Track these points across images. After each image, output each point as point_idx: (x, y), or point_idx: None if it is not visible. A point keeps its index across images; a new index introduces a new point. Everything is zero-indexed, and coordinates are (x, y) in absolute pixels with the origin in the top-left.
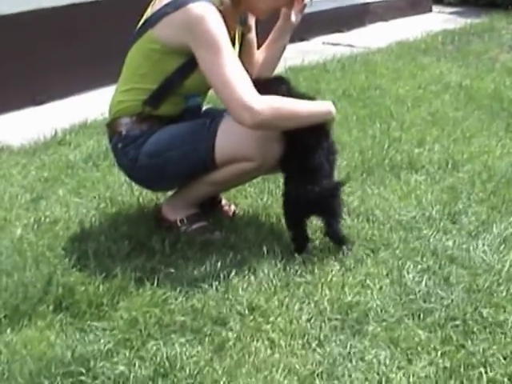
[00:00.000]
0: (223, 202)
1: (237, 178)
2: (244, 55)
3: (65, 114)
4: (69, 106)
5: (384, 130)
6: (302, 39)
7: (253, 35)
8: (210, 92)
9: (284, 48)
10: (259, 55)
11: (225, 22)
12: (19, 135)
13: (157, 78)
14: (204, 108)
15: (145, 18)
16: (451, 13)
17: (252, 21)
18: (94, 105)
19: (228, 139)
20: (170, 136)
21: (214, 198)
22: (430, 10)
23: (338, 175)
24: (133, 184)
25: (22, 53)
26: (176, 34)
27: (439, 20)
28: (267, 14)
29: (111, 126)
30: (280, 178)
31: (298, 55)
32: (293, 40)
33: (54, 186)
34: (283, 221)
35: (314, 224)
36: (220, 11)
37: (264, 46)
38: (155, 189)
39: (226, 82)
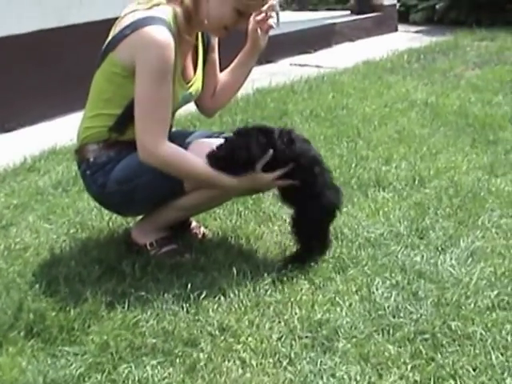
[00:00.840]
0: (193, 224)
1: (206, 204)
2: (206, 75)
3: (34, 141)
4: (38, 132)
5: (351, 148)
6: (269, 61)
7: (215, 56)
8: (178, 114)
9: (249, 72)
10: (223, 77)
11: (181, 40)
12: None
13: (121, 102)
14: (172, 131)
15: (107, 40)
16: (416, 31)
17: (215, 41)
18: (63, 130)
19: None
20: (138, 162)
21: (184, 220)
22: (396, 30)
23: None
24: (103, 209)
25: None
26: (130, 56)
27: (405, 39)
28: (218, 33)
29: (79, 152)
30: (249, 199)
31: (265, 77)
32: (260, 62)
33: (24, 213)
34: (252, 241)
35: (283, 244)
36: (176, 30)
37: (229, 69)
38: (125, 214)
39: (145, 116)
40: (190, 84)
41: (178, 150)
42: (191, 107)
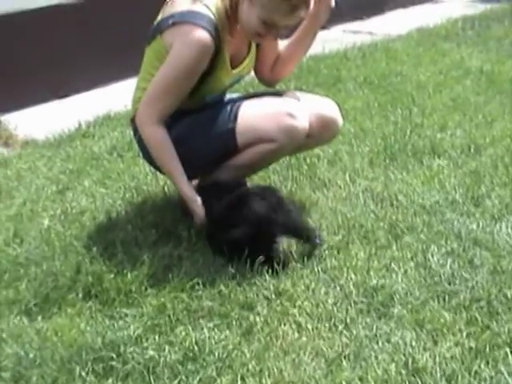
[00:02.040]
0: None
1: (261, 160)
2: (264, 49)
3: (88, 107)
4: (92, 98)
5: (406, 116)
6: (322, 27)
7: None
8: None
9: (309, 46)
10: (282, 50)
11: (231, 30)
12: (44, 128)
13: None
14: (225, 96)
15: (159, 18)
16: None
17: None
18: (117, 96)
19: (249, 121)
20: (192, 124)
21: (239, 183)
22: None
23: (360, 161)
24: (158, 174)
25: (44, 47)
26: (171, 45)
27: (459, 6)
28: (253, 38)
29: (134, 120)
30: (304, 165)
31: (318, 44)
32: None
33: (80, 178)
34: (307, 207)
35: (338, 210)
36: (221, 25)
37: (289, 43)
38: None
39: (152, 96)
40: (240, 68)
41: (160, 137)
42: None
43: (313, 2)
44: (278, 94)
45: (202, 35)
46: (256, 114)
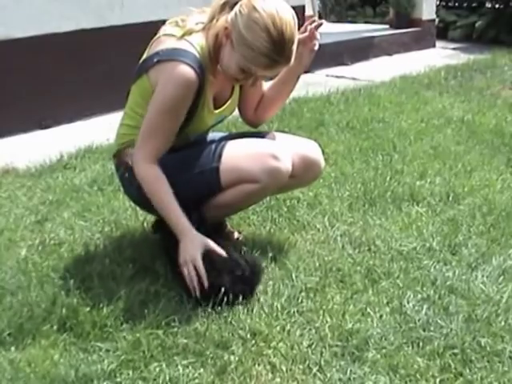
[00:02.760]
0: (227, 228)
1: (243, 200)
2: (247, 91)
3: (70, 139)
4: (75, 130)
5: (386, 162)
6: (306, 71)
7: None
8: None
9: (292, 89)
10: (266, 92)
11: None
12: (25, 158)
13: None
14: (209, 135)
15: (144, 57)
16: (454, 48)
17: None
18: (100, 130)
19: (233, 161)
20: (175, 162)
21: (219, 223)
22: (434, 46)
23: (340, 205)
24: (137, 209)
25: (30, 77)
26: (157, 82)
27: (442, 55)
28: (232, 81)
29: (118, 156)
30: (283, 207)
31: (302, 87)
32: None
33: (59, 209)
34: (285, 249)
35: (316, 253)
36: (205, 63)
37: (272, 85)
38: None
39: (144, 137)
40: (223, 108)
41: (154, 175)
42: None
43: (293, 57)
44: (261, 135)
45: (186, 71)
46: (240, 155)
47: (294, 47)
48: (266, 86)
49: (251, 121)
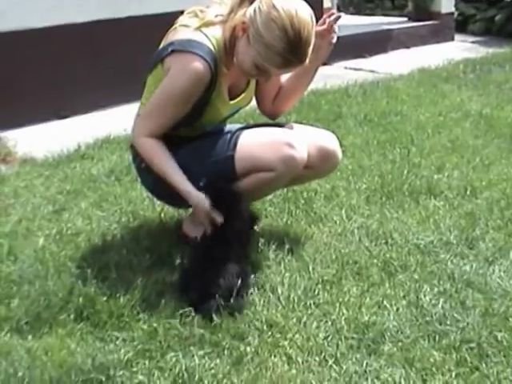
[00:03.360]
0: None
1: (258, 189)
2: (265, 83)
3: (88, 129)
4: (92, 121)
5: (404, 155)
6: (324, 63)
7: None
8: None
9: (310, 81)
10: (284, 84)
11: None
12: (43, 148)
13: None
14: (226, 126)
15: (159, 49)
16: (473, 42)
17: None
18: (117, 121)
19: (248, 150)
20: (190, 152)
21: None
22: (453, 39)
23: (357, 198)
24: (155, 200)
25: (48, 67)
26: None
27: (461, 49)
28: (246, 75)
29: (134, 147)
30: (301, 199)
31: (320, 79)
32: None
33: (77, 199)
34: (302, 241)
35: (332, 245)
36: (220, 55)
37: (290, 77)
38: (177, 205)
39: (147, 114)
40: (238, 99)
41: (151, 145)
42: None
43: (308, 58)
44: (278, 125)
45: (198, 66)
46: (255, 143)
47: (310, 49)
48: (284, 77)
49: (269, 112)
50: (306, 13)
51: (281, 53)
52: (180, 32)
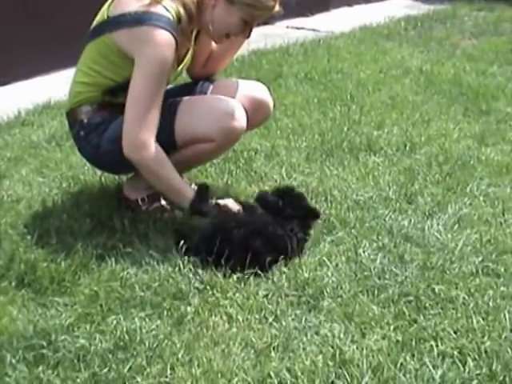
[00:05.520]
0: (185, 180)
1: (198, 159)
2: (198, 46)
3: (28, 95)
4: (32, 86)
5: (344, 112)
6: (265, 23)
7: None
8: None
9: (241, 44)
10: (214, 48)
11: (182, 36)
12: None
13: (115, 77)
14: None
15: (103, 17)
16: None
17: None
18: (58, 85)
19: (187, 120)
20: None
21: None
22: None
23: (297, 156)
24: None
25: None
26: (131, 47)
27: (403, 6)
28: (220, 40)
29: (71, 114)
30: (241, 158)
31: (261, 39)
32: (257, 23)
33: (17, 166)
34: (243, 200)
35: None
36: (178, 28)
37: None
38: (118, 172)
39: (139, 114)
40: (182, 64)
41: (161, 157)
42: None
43: None
44: (209, 81)
45: (166, 35)
46: (194, 114)
47: None
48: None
49: (198, 76)
50: None
51: None
52: (126, 3)
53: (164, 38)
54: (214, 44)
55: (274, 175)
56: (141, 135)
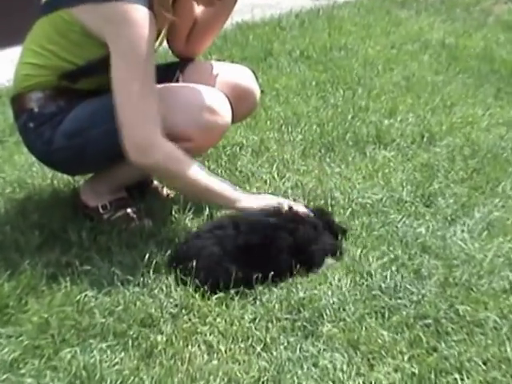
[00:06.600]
0: (154, 184)
1: None
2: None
3: None
4: None
5: (348, 98)
6: None
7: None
8: None
9: (228, 14)
10: (198, 21)
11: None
12: None
13: (75, 59)
14: None
15: None
16: None
17: None
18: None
19: (163, 115)
20: (90, 112)
21: (143, 180)
22: None
23: (291, 152)
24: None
25: None
26: (98, 26)
27: None
28: (209, 3)
29: (18, 101)
30: (223, 155)
31: (247, 9)
32: None
33: None
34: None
35: None
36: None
37: (203, 10)
38: (73, 173)
39: (132, 109)
40: (158, 40)
41: (178, 151)
42: None
43: None
44: (183, 64)
45: (142, 11)
46: (169, 108)
47: None
48: (200, 10)
49: (183, 53)
50: None
51: None
52: None
53: (141, 14)
54: (197, 11)
55: (262, 175)
56: (145, 134)
